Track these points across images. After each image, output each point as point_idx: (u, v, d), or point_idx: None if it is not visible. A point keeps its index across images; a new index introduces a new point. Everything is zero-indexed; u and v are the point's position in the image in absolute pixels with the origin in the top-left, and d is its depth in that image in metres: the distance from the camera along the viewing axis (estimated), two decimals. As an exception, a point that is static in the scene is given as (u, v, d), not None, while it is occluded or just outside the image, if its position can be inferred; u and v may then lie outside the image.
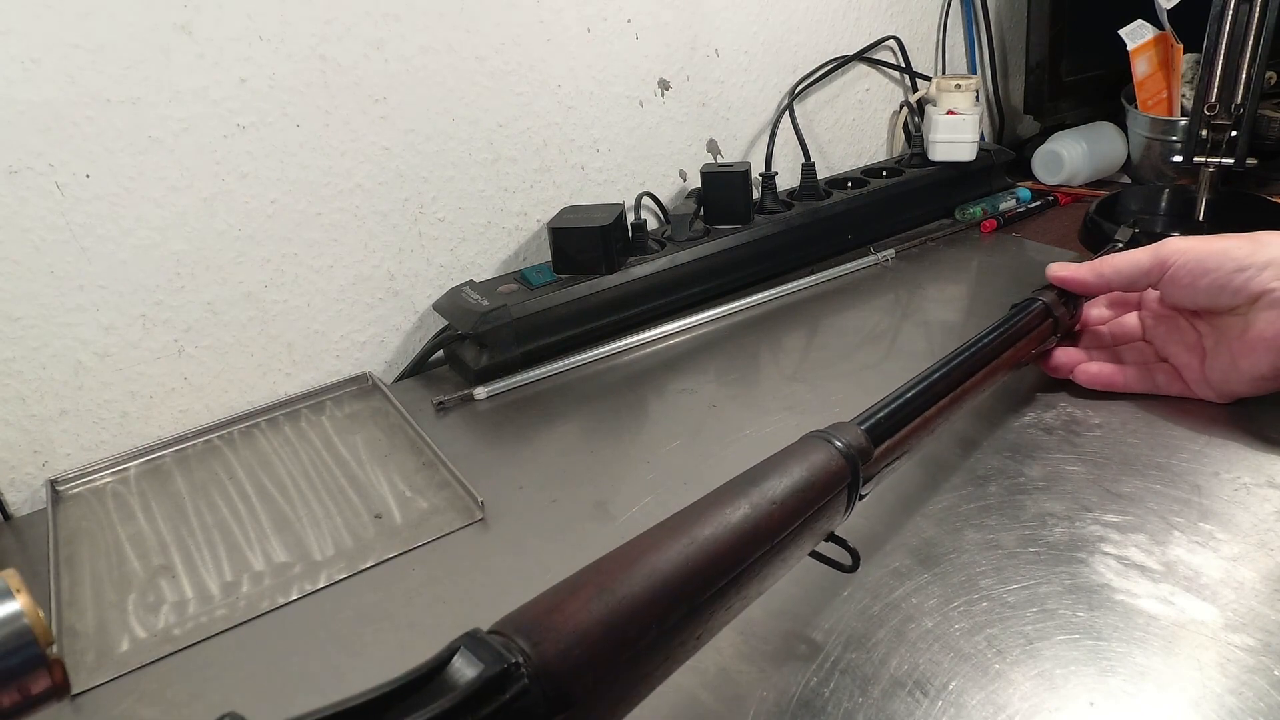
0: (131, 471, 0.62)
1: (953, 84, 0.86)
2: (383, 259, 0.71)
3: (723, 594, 0.32)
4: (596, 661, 0.28)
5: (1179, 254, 0.53)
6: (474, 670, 0.25)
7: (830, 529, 0.39)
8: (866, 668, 0.39)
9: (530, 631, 0.27)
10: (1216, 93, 0.73)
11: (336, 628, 0.46)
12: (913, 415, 0.43)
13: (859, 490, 0.39)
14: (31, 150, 0.55)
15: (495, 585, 0.47)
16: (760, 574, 0.34)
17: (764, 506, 0.34)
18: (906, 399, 0.44)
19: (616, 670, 0.28)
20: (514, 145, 0.75)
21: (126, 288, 0.61)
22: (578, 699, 0.27)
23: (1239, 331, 0.52)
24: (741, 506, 0.34)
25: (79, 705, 0.43)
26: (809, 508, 0.36)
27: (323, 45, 0.63)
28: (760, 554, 0.34)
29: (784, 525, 0.35)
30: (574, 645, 0.27)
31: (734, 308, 0.76)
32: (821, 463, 0.37)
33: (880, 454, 0.41)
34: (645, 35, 0.79)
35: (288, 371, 0.69)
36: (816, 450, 0.38)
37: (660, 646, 0.30)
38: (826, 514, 0.37)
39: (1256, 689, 0.36)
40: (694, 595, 0.31)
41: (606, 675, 0.28)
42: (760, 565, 0.34)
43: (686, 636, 0.32)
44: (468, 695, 0.24)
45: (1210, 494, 0.47)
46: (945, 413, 0.45)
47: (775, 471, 0.36)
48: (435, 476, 0.57)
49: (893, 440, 0.42)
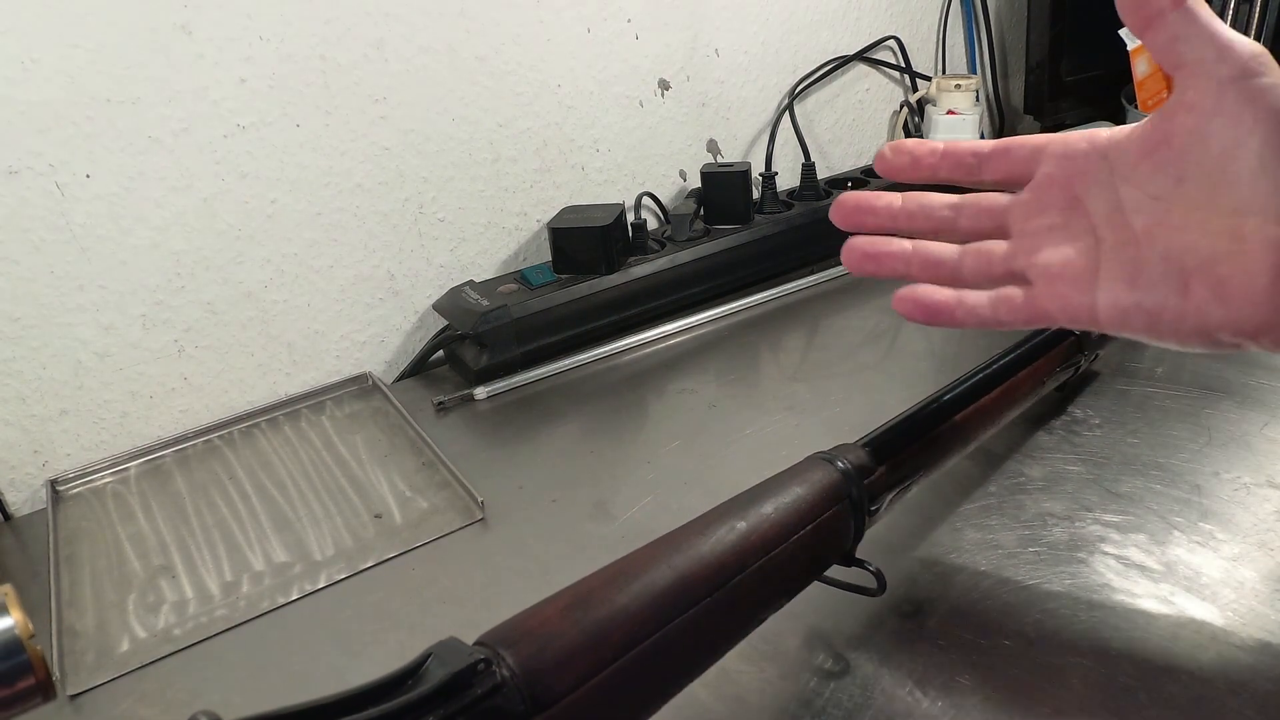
0: (131, 471, 0.62)
1: (953, 84, 0.86)
2: (383, 259, 0.71)
3: (715, 608, 0.32)
4: (576, 662, 0.28)
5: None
6: (444, 670, 0.26)
7: (840, 549, 0.38)
8: (866, 667, 0.39)
9: (506, 636, 0.28)
10: (1216, 93, 0.73)
11: (336, 628, 0.46)
12: (920, 433, 0.42)
13: (866, 508, 0.38)
14: (31, 150, 0.55)
15: (495, 585, 0.47)
16: (757, 593, 0.34)
17: (754, 520, 0.35)
18: (913, 417, 0.43)
19: (601, 672, 0.29)
20: (514, 145, 0.75)
21: (126, 288, 0.61)
22: (559, 696, 0.27)
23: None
24: (732, 521, 0.34)
25: (79, 705, 0.43)
26: (803, 523, 0.36)
27: (323, 45, 0.63)
28: (753, 567, 0.33)
29: (776, 540, 0.35)
30: (549, 644, 0.28)
31: (734, 308, 0.76)
32: (817, 479, 0.37)
33: (885, 471, 0.40)
34: (645, 35, 0.79)
35: (288, 371, 0.69)
36: (814, 469, 0.38)
37: (654, 658, 0.30)
38: (827, 532, 0.37)
39: (1256, 689, 0.36)
40: (679, 604, 0.31)
41: (589, 675, 0.28)
42: (756, 582, 0.34)
43: (682, 652, 0.31)
44: (433, 691, 0.25)
45: (1210, 494, 0.47)
46: (962, 432, 0.44)
47: (770, 489, 0.37)
48: (435, 476, 0.57)
49: (898, 458, 0.41)
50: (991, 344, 0.66)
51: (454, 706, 0.25)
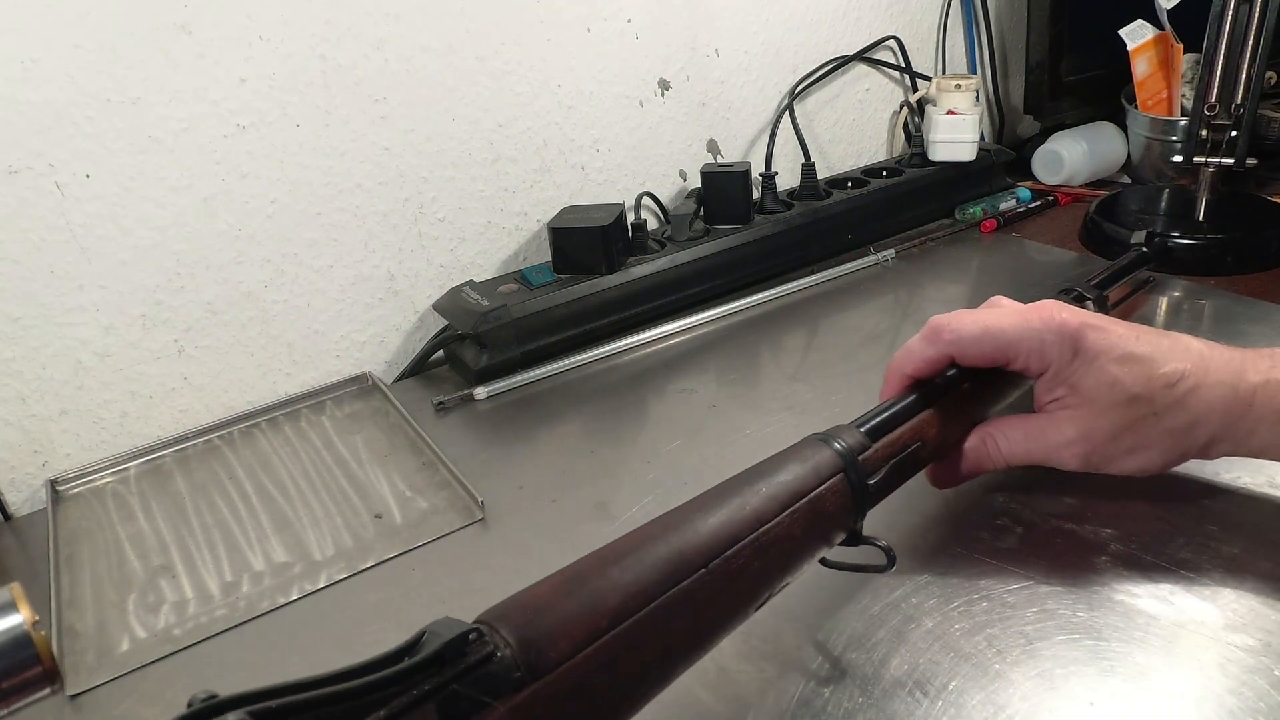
0: (131, 471, 0.62)
1: (953, 84, 0.86)
2: (383, 259, 0.71)
3: (711, 580, 0.32)
4: (571, 629, 0.29)
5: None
6: (438, 642, 0.26)
7: (844, 526, 0.39)
8: (866, 668, 0.39)
9: (502, 611, 0.29)
10: (1216, 93, 0.73)
11: (336, 628, 0.46)
12: (915, 412, 0.43)
13: (865, 483, 0.39)
14: (31, 150, 0.55)
15: (495, 585, 0.47)
16: (754, 566, 0.34)
17: (747, 495, 0.35)
18: (908, 402, 0.44)
19: (597, 640, 0.29)
20: (514, 145, 0.75)
21: (126, 288, 0.61)
22: (555, 664, 0.28)
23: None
24: (726, 498, 0.35)
25: (79, 705, 0.43)
26: (798, 496, 0.36)
27: (323, 45, 0.63)
28: (748, 539, 0.34)
29: (770, 513, 0.35)
30: (543, 615, 0.29)
31: (734, 308, 0.76)
32: (811, 455, 0.38)
33: (881, 448, 0.41)
34: (645, 35, 0.79)
35: (288, 371, 0.69)
36: (807, 446, 0.39)
37: (651, 629, 0.30)
38: (827, 506, 0.37)
39: (1256, 689, 0.36)
40: (675, 575, 0.31)
41: (585, 643, 0.29)
42: (753, 555, 0.34)
43: (681, 625, 0.32)
44: (426, 660, 0.26)
45: (1210, 494, 0.47)
46: (959, 404, 0.45)
47: (764, 467, 0.37)
48: (435, 476, 0.57)
49: (894, 434, 0.42)
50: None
51: (448, 674, 0.26)
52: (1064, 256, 0.81)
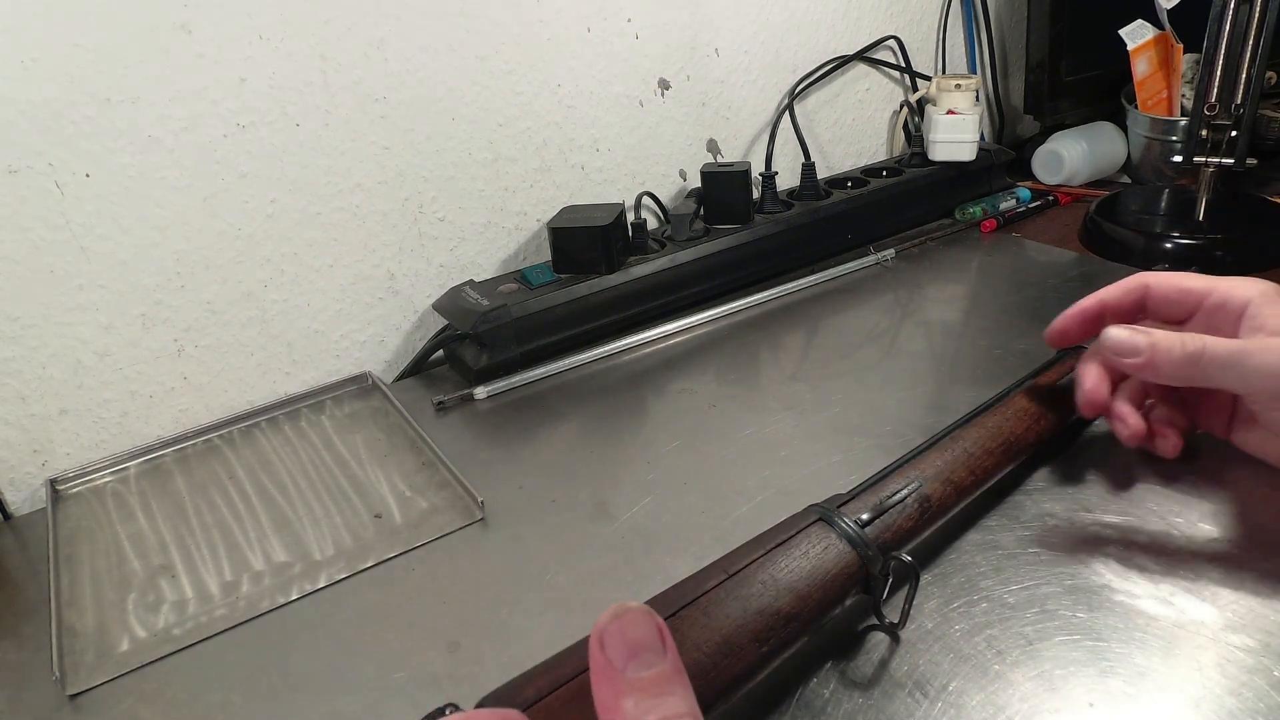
0: (131, 471, 0.62)
1: (953, 84, 0.86)
2: (383, 258, 0.71)
3: (680, 624, 0.33)
4: (539, 684, 0.30)
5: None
6: None
7: (841, 594, 0.38)
8: (866, 668, 0.39)
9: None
10: (1216, 93, 0.73)
11: (336, 628, 0.46)
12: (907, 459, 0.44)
13: (859, 519, 0.39)
14: (31, 150, 0.55)
15: (495, 585, 0.47)
16: (719, 607, 0.35)
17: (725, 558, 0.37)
18: (902, 457, 0.45)
19: (560, 688, 0.30)
20: (514, 145, 0.75)
21: (126, 287, 0.61)
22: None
23: None
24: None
25: (79, 705, 0.43)
26: (765, 544, 0.37)
27: (323, 45, 0.63)
28: (714, 585, 0.35)
29: (742, 556, 0.36)
30: (522, 685, 0.30)
31: (734, 308, 0.76)
32: (795, 521, 0.39)
33: (864, 494, 0.41)
34: (645, 35, 0.79)
35: (287, 371, 0.69)
36: (803, 519, 0.39)
37: None
38: (795, 548, 0.37)
39: (1256, 689, 0.36)
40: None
41: (546, 691, 0.30)
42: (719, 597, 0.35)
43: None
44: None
45: (1210, 494, 0.47)
46: (956, 440, 0.46)
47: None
48: (435, 476, 0.57)
49: (877, 479, 0.42)
50: (991, 344, 0.66)
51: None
52: (1064, 256, 0.81)
